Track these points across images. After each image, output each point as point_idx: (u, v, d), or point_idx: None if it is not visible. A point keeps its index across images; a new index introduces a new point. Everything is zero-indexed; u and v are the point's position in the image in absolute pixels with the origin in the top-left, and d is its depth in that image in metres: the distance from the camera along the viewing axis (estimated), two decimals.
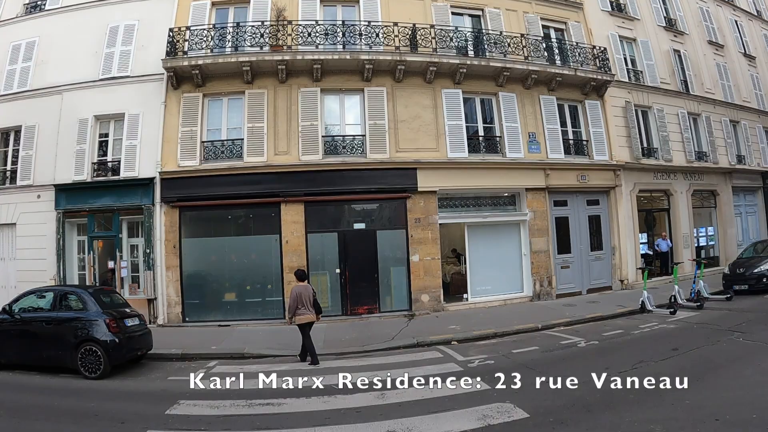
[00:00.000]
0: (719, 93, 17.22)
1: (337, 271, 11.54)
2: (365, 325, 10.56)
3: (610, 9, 14.87)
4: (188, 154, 11.56)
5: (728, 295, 11.21)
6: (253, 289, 11.80)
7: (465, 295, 12.27)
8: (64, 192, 11.78)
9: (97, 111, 12.08)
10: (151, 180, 11.58)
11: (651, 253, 15.04)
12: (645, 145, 14.61)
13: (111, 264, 12.07)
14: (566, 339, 8.41)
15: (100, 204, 11.79)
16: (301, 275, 7.99)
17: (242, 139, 11.60)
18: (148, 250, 11.57)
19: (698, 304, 10.38)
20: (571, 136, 13.39)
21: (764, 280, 11.48)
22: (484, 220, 12.31)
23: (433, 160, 11.77)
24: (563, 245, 13.05)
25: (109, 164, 12.19)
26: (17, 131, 12.52)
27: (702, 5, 17.92)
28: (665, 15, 16.43)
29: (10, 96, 12.59)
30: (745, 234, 17.94)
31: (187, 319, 11.34)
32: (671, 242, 15.01)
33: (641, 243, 14.67)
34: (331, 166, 11.46)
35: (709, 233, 17.05)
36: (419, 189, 11.60)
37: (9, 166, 12.65)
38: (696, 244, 16.06)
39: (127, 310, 8.12)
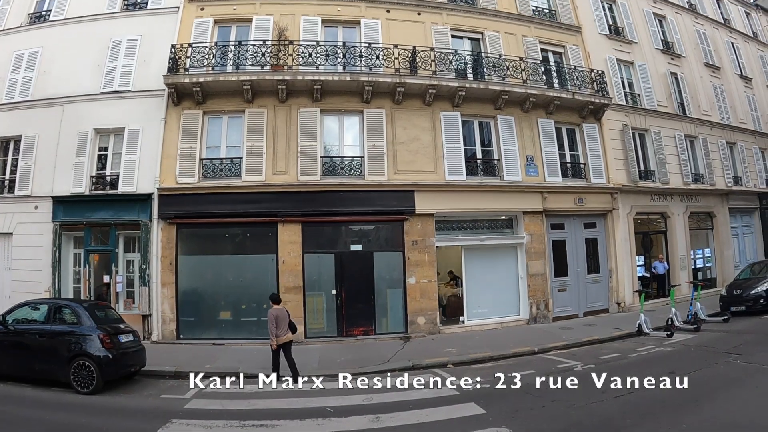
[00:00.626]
0: (716, 115, 17.35)
1: (333, 292, 11.49)
2: (361, 347, 10.49)
3: (608, 33, 15.03)
4: (187, 170, 11.55)
5: (725, 317, 11.19)
6: (249, 308, 11.70)
7: (461, 318, 12.23)
8: (62, 204, 11.73)
9: (98, 124, 12.09)
10: (149, 196, 11.54)
11: (648, 275, 15.02)
12: (642, 167, 14.68)
13: (106, 278, 11.96)
14: (563, 363, 8.38)
15: (97, 218, 11.73)
16: (276, 299, 8.43)
17: (241, 158, 11.61)
18: (144, 266, 11.51)
19: (695, 326, 10.37)
20: (568, 159, 13.45)
21: (761, 301, 11.50)
22: (481, 243, 12.32)
23: (431, 182, 11.80)
24: (560, 268, 13.05)
25: (108, 178, 12.16)
26: (17, 141, 12.48)
27: (699, 28, 18.14)
28: (662, 38, 16.61)
29: (11, 105, 12.58)
30: (742, 255, 17.95)
31: (181, 336, 11.25)
32: (668, 264, 15.01)
33: (638, 265, 14.67)
34: (329, 186, 11.46)
35: (706, 255, 17.06)
36: (417, 211, 11.61)
37: (8, 176, 12.57)
38: (693, 266, 16.09)
39: (122, 325, 8.09)
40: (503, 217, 12.80)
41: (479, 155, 12.64)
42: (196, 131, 11.72)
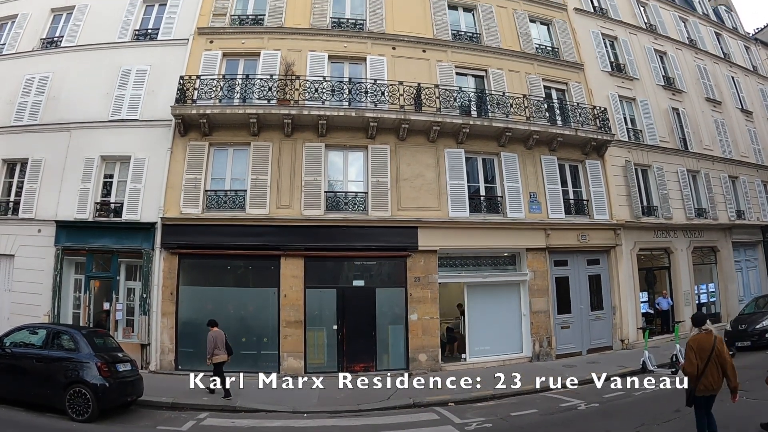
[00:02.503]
0: (717, 149, 17.44)
1: (335, 327, 11.37)
2: (361, 383, 10.27)
3: (610, 69, 15.23)
4: (191, 201, 11.56)
5: (731, 353, 10.91)
6: (249, 341, 11.58)
7: (463, 355, 12.07)
8: (65, 229, 11.72)
9: (104, 151, 12.18)
10: (153, 225, 11.54)
11: (652, 311, 14.88)
12: (645, 203, 14.68)
13: (106, 305, 11.87)
14: (566, 401, 8.27)
15: (100, 244, 11.70)
16: (214, 323, 9.33)
17: (245, 191, 11.64)
18: (144, 295, 11.43)
19: None
20: (571, 196, 13.47)
21: (767, 335, 11.35)
22: (484, 280, 12.24)
23: (435, 219, 11.79)
24: (563, 305, 12.93)
25: (112, 205, 12.18)
26: (23, 163, 12.55)
27: (699, 63, 18.39)
28: (664, 74, 16.82)
29: (19, 128, 12.71)
30: (746, 289, 17.79)
31: (180, 367, 11.09)
32: (672, 300, 14.87)
33: (642, 302, 14.53)
34: (333, 222, 11.46)
35: (710, 290, 16.90)
36: (420, 248, 11.57)
37: (12, 197, 12.58)
38: (697, 301, 15.92)
39: (120, 354, 8.06)
40: (506, 254, 12.74)
41: (482, 192, 12.67)
42: (201, 162, 11.77)
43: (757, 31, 24.32)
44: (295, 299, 11.20)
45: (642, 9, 17.66)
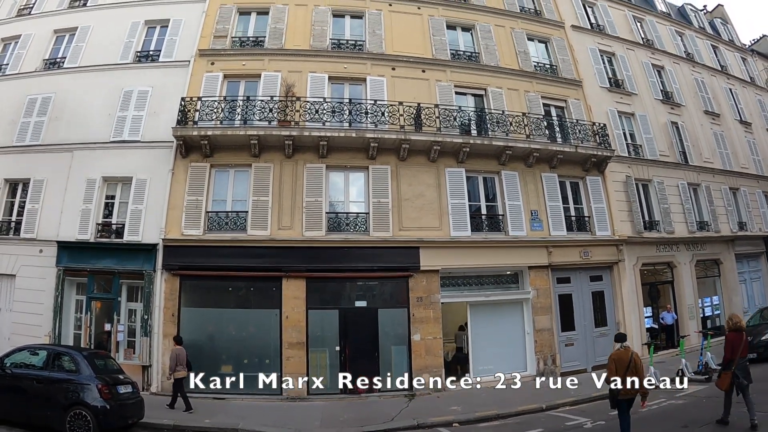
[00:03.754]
0: (717, 161, 17.47)
1: (337, 348, 11.30)
2: (364, 404, 10.30)
3: (608, 86, 15.33)
4: (192, 223, 11.57)
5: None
6: (251, 362, 11.50)
7: (467, 374, 11.94)
8: (67, 249, 11.71)
9: (106, 172, 12.22)
10: (154, 246, 11.53)
11: (656, 326, 14.77)
12: (647, 218, 14.67)
13: (108, 327, 11.81)
14: (572, 420, 8.22)
15: (101, 265, 11.68)
16: (179, 340, 9.74)
17: (246, 212, 11.64)
18: (146, 316, 11.39)
19: (706, 376, 10.22)
20: (573, 213, 13.46)
21: None
22: (486, 299, 12.19)
23: (436, 239, 11.78)
24: (567, 322, 12.85)
25: (114, 226, 12.17)
26: (25, 183, 12.58)
27: (697, 76, 18.51)
28: (662, 88, 16.92)
29: (21, 148, 12.77)
30: (750, 301, 17.69)
31: None
32: (676, 314, 14.78)
33: (646, 317, 14.44)
34: (334, 242, 11.45)
35: (714, 302, 16.79)
36: (422, 268, 11.55)
37: (14, 217, 12.59)
38: (701, 315, 15.83)
39: (121, 376, 8.05)
40: (508, 273, 12.70)
41: (484, 211, 12.67)
42: (202, 184, 11.80)
43: (753, 42, 24.52)
44: (297, 320, 11.15)
45: (639, 24, 17.85)
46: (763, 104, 21.32)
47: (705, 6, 23.15)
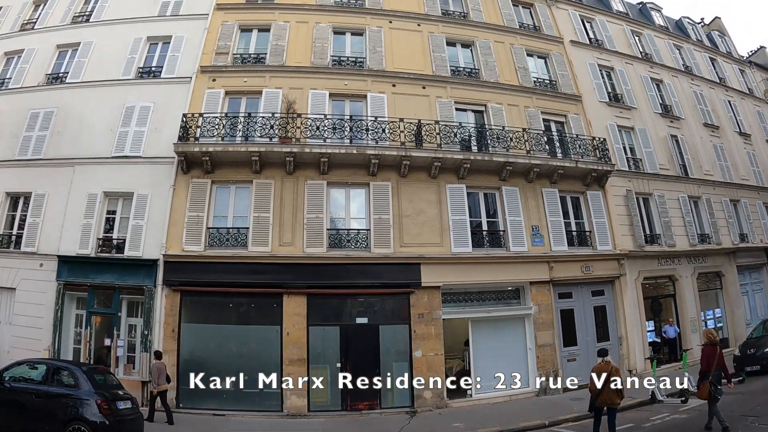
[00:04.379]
0: (718, 174, 17.48)
1: (338, 365, 11.22)
2: (365, 422, 10.26)
3: (608, 100, 15.40)
4: (193, 238, 11.57)
5: (740, 378, 10.92)
6: (251, 379, 11.25)
7: (469, 391, 11.86)
8: (67, 264, 11.70)
9: (107, 187, 12.24)
10: (155, 262, 11.51)
11: (659, 340, 14.69)
12: (648, 231, 14.64)
13: (107, 341, 11.77)
14: None
15: (101, 280, 11.68)
16: (159, 355, 10.05)
17: (248, 228, 11.65)
18: (146, 332, 11.35)
19: None
20: (573, 228, 13.45)
21: None
22: (488, 315, 12.14)
23: (437, 255, 11.77)
24: (569, 337, 12.79)
25: (114, 241, 12.16)
26: (27, 197, 12.59)
27: (696, 89, 18.60)
28: (661, 102, 16.99)
29: (23, 162, 12.79)
30: (753, 312, 17.60)
31: (181, 405, 10.90)
32: (679, 328, 14.71)
33: (648, 331, 14.37)
34: (335, 259, 11.44)
35: (717, 315, 16.72)
36: (423, 284, 11.53)
37: (15, 231, 12.58)
38: (704, 328, 15.70)
39: (120, 392, 8.03)
40: (510, 288, 12.67)
41: (485, 226, 12.67)
42: (203, 200, 11.82)
43: (750, 53, 24.64)
44: (298, 337, 11.11)
45: (637, 39, 17.99)
46: (762, 115, 21.38)
47: (702, 19, 23.37)
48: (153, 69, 13.77)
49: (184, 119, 11.93)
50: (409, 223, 11.87)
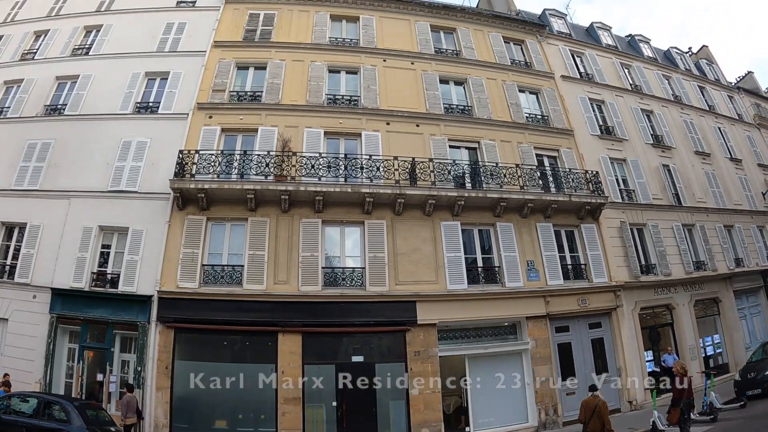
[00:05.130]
0: (711, 200, 17.64)
1: (334, 404, 11.10)
2: None
3: (599, 133, 15.62)
4: (188, 275, 11.54)
5: (742, 403, 10.93)
6: (246, 418, 11.30)
7: (467, 429, 11.71)
8: (61, 297, 11.63)
9: (102, 222, 12.24)
10: (149, 298, 11.45)
11: (658, 369, 14.58)
12: (643, 262, 14.69)
13: (100, 377, 11.62)
14: None
15: (95, 314, 11.58)
16: (131, 388, 10.12)
17: (242, 266, 11.63)
18: (139, 368, 11.20)
19: (712, 416, 10.13)
20: (569, 261, 13.49)
21: None
22: (485, 351, 12.07)
23: (433, 292, 11.77)
24: (567, 371, 12.70)
25: (109, 276, 12.10)
26: (21, 228, 12.57)
27: (686, 117, 18.90)
28: (652, 132, 17.24)
29: (19, 192, 12.81)
30: (752, 336, 17.55)
31: None
32: (677, 356, 14.61)
33: (647, 360, 14.30)
34: (330, 297, 11.42)
35: (716, 341, 16.66)
36: (419, 322, 11.49)
37: (9, 261, 12.51)
38: (703, 354, 15.67)
39: (112, 428, 8.04)
40: (506, 324, 12.61)
41: (480, 263, 12.69)
42: (198, 236, 11.83)
43: (738, 79, 25.15)
44: (294, 376, 10.99)
45: (626, 71, 18.36)
46: (752, 140, 21.71)
47: (690, 48, 23.91)
48: (150, 104, 13.93)
49: (181, 155, 12.02)
50: (404, 261, 11.89)
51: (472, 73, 14.78)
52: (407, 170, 12.21)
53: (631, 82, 18.14)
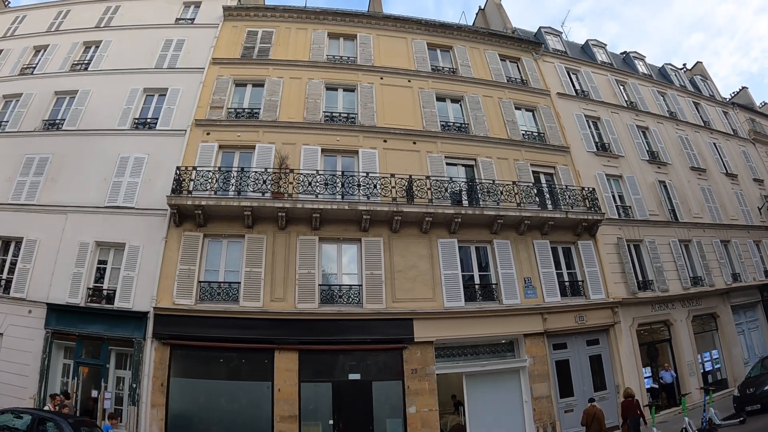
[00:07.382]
0: (707, 216, 17.70)
1: (331, 422, 11.00)
2: None
3: (595, 150, 15.71)
4: (184, 292, 11.50)
5: (741, 418, 10.83)
6: None
7: None
8: (56, 312, 11.54)
9: (99, 237, 12.21)
10: (145, 314, 11.39)
11: (656, 386, 14.52)
12: (640, 278, 14.69)
13: (94, 393, 11.50)
14: None
15: (90, 330, 11.49)
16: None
17: (239, 283, 11.60)
18: (134, 385, 11.09)
19: None
20: (566, 278, 13.49)
21: None
22: (482, 369, 12.00)
23: (430, 310, 11.74)
24: (565, 388, 12.63)
25: (105, 292, 12.04)
26: (18, 242, 12.51)
27: (681, 133, 19.05)
28: (648, 149, 17.36)
29: (16, 206, 12.78)
30: (750, 351, 17.49)
31: None
32: (675, 372, 14.56)
33: (645, 377, 14.22)
34: (327, 315, 11.37)
35: (714, 357, 16.58)
36: (416, 339, 11.45)
37: (5, 275, 12.42)
38: (702, 370, 15.58)
39: None
40: (504, 341, 12.56)
41: (477, 280, 12.69)
42: (195, 253, 11.80)
43: (733, 95, 25.41)
44: (290, 393, 10.91)
45: (621, 88, 18.55)
46: (747, 155, 21.87)
47: (685, 64, 24.19)
48: (148, 120, 13.99)
49: (178, 172, 12.05)
50: (401, 278, 11.87)
51: (469, 90, 14.92)
52: (404, 188, 12.25)
53: (626, 99, 18.32)
